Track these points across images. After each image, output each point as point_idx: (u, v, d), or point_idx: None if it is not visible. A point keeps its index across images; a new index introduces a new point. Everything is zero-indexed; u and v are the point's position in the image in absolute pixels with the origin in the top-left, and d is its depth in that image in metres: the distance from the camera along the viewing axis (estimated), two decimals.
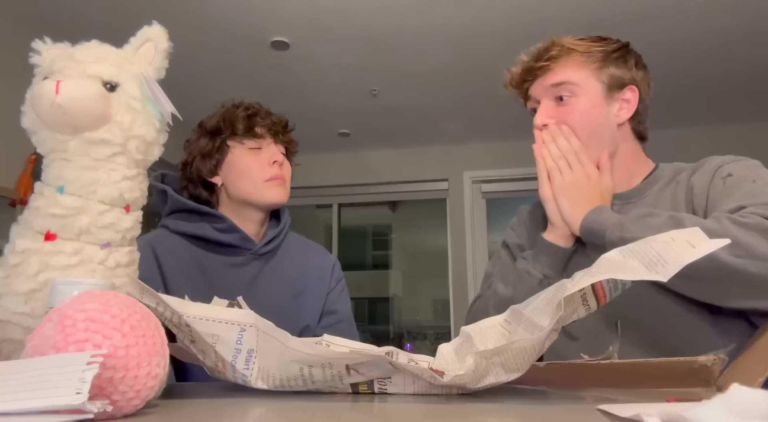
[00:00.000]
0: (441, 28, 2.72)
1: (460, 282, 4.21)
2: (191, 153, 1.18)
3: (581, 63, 0.96)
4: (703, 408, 0.32)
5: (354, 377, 0.55)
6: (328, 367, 0.53)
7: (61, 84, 0.56)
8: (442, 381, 0.52)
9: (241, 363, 0.54)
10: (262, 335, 0.54)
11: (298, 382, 0.55)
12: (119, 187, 0.60)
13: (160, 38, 0.65)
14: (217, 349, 0.54)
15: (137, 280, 0.61)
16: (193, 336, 0.56)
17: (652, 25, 2.60)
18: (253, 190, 1.14)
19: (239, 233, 1.13)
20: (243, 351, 0.54)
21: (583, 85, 0.95)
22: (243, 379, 0.55)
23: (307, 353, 0.52)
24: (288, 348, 0.52)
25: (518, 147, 4.25)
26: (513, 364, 0.52)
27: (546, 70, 0.96)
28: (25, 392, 0.36)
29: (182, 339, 0.59)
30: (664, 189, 0.95)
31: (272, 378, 0.55)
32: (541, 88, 0.98)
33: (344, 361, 0.53)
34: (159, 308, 0.56)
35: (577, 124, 0.94)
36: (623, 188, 0.98)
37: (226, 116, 1.17)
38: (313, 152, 4.42)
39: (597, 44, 0.97)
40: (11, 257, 0.58)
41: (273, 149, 1.17)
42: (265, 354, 0.54)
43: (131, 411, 0.42)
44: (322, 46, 2.87)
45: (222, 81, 3.22)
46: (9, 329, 0.56)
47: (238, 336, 0.54)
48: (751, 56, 2.98)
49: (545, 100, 0.97)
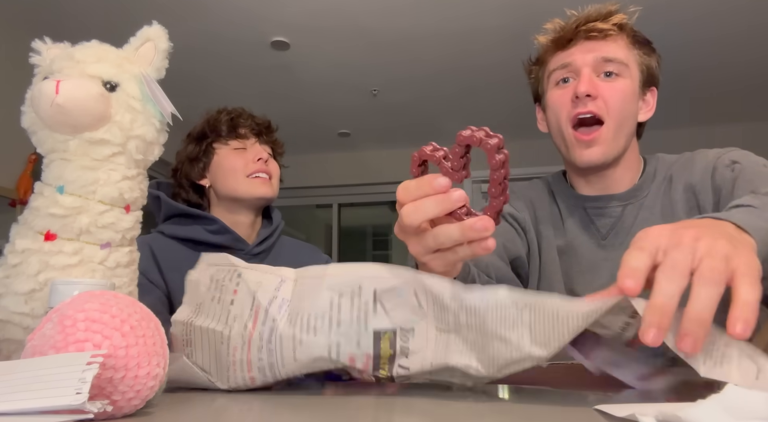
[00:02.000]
0: (441, 29, 2.72)
1: None
2: (180, 160, 1.23)
3: (631, 45, 0.91)
4: (698, 408, 0.32)
5: (379, 318, 0.52)
6: (357, 296, 0.53)
7: (61, 84, 0.56)
8: (471, 299, 0.48)
9: (275, 308, 0.55)
10: (301, 283, 0.56)
11: (324, 322, 0.53)
12: (119, 187, 0.60)
13: (160, 38, 0.65)
14: (258, 296, 0.56)
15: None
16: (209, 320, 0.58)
17: (653, 25, 2.60)
18: (237, 186, 1.17)
19: (231, 234, 1.15)
20: (279, 298, 0.56)
21: (631, 68, 0.90)
22: (270, 331, 0.55)
23: (340, 273, 0.54)
24: (325, 274, 0.55)
25: (518, 147, 4.25)
26: (542, 334, 0.45)
27: (605, 36, 0.88)
28: (25, 392, 0.36)
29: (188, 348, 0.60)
30: (660, 187, 0.94)
31: (300, 317, 0.54)
32: (589, 57, 0.88)
33: (375, 283, 0.52)
34: (209, 270, 0.60)
35: (617, 105, 0.87)
36: (620, 185, 0.96)
37: (210, 120, 1.22)
38: (313, 152, 4.42)
39: (639, 33, 0.93)
40: (11, 257, 0.58)
41: (257, 148, 1.21)
42: (298, 298, 0.55)
43: (131, 411, 0.43)
44: (322, 46, 2.87)
45: (222, 81, 3.22)
46: (9, 329, 0.56)
47: (277, 285, 0.57)
48: (752, 56, 2.98)
49: (588, 70, 0.88)
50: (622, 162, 0.95)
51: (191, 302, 0.61)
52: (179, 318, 0.61)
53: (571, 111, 0.89)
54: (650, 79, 0.93)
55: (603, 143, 0.88)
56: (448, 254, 0.54)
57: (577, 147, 0.90)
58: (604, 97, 0.87)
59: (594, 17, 0.89)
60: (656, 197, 0.93)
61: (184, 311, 0.61)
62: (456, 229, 0.51)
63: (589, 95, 0.86)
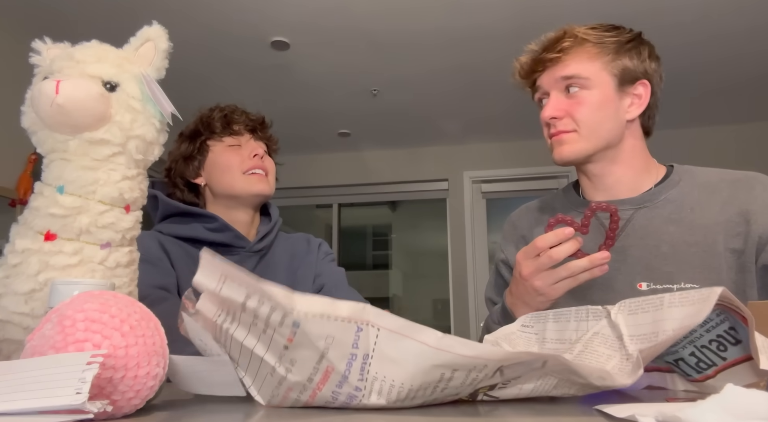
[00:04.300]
0: (441, 29, 2.72)
1: (460, 282, 4.21)
2: (174, 159, 1.21)
3: (594, 55, 0.93)
4: (698, 408, 0.32)
5: (494, 379, 0.46)
6: (475, 370, 0.43)
7: (61, 84, 0.56)
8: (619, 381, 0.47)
9: (356, 373, 0.43)
10: (385, 334, 0.42)
11: (427, 392, 0.44)
12: (119, 187, 0.60)
13: (160, 38, 0.65)
14: (329, 355, 0.42)
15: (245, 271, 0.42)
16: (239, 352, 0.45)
17: (652, 25, 2.60)
18: (234, 183, 1.15)
19: (231, 231, 1.14)
20: (359, 357, 0.42)
21: (594, 78, 0.92)
22: (349, 395, 0.44)
23: (462, 354, 0.41)
24: (437, 349, 0.41)
25: (518, 147, 4.26)
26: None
27: (557, 61, 0.94)
28: (25, 392, 0.36)
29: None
30: (687, 196, 0.93)
31: (396, 389, 0.43)
32: (551, 80, 0.95)
33: (506, 361, 0.43)
34: (248, 302, 0.42)
35: (586, 117, 0.92)
36: (627, 186, 0.96)
37: (203, 118, 1.20)
38: (313, 152, 4.42)
39: (610, 34, 0.94)
40: (11, 257, 0.58)
41: (252, 145, 1.19)
42: (387, 359, 0.42)
43: (131, 411, 0.43)
44: (322, 46, 2.87)
45: (222, 81, 3.22)
46: (9, 329, 0.56)
47: (355, 337, 0.42)
48: (753, 56, 2.98)
49: (555, 93, 0.94)
50: (619, 161, 0.95)
51: (216, 301, 0.45)
52: (205, 312, 0.45)
53: (548, 131, 0.97)
54: (629, 76, 0.94)
55: (571, 142, 0.93)
56: (571, 281, 0.80)
57: (552, 148, 0.96)
58: (570, 114, 0.93)
59: (547, 47, 0.95)
60: (681, 204, 0.93)
61: (208, 306, 0.45)
62: (585, 260, 0.79)
63: (555, 117, 0.93)
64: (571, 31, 0.95)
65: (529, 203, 1.14)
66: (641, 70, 0.94)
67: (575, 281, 0.80)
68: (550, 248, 0.80)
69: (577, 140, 0.93)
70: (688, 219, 0.91)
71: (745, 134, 3.92)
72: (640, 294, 0.77)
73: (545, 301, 0.84)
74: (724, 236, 0.88)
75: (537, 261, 0.81)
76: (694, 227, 0.90)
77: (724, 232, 0.88)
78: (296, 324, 0.41)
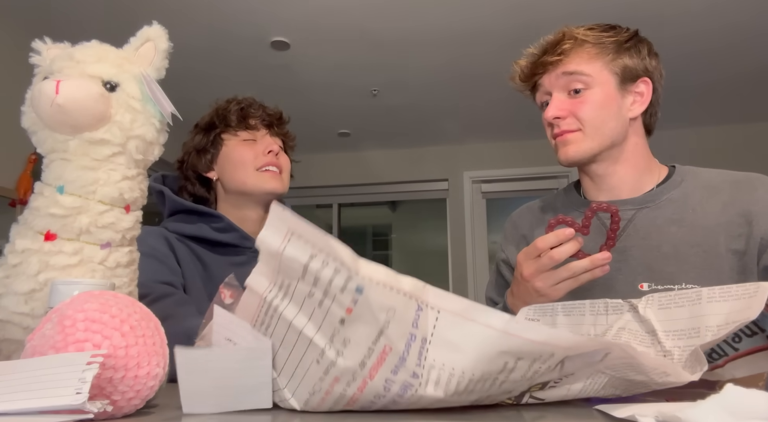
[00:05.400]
0: (441, 29, 2.72)
1: (460, 282, 4.21)
2: (187, 151, 1.17)
3: (594, 55, 0.93)
4: (698, 408, 0.32)
5: (553, 373, 0.43)
6: (540, 360, 0.39)
7: (61, 84, 0.56)
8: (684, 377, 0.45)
9: (414, 356, 0.38)
10: (445, 317, 0.38)
11: (486, 384, 0.40)
12: (119, 187, 0.60)
13: (160, 38, 0.65)
14: (389, 332, 0.38)
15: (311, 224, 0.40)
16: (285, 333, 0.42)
17: (652, 24, 2.60)
18: (246, 179, 1.11)
19: (238, 231, 1.11)
20: (418, 339, 0.38)
21: (596, 77, 0.92)
22: (404, 385, 0.39)
23: (531, 339, 0.37)
24: (504, 333, 0.37)
25: (518, 147, 4.26)
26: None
27: (558, 63, 0.94)
28: (25, 392, 0.36)
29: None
30: (688, 196, 0.93)
31: (456, 378, 0.39)
32: (552, 78, 0.95)
33: (574, 350, 0.40)
34: (311, 263, 0.39)
35: (589, 116, 0.92)
36: (629, 186, 0.96)
37: (219, 110, 1.16)
38: (313, 152, 4.42)
39: (608, 34, 0.95)
40: (11, 257, 0.58)
41: (268, 140, 1.15)
42: (448, 345, 0.38)
43: (131, 411, 0.43)
44: (322, 46, 2.87)
45: (222, 81, 3.22)
46: (9, 329, 0.56)
47: (415, 316, 0.38)
48: (753, 55, 2.98)
49: (557, 92, 0.95)
50: (622, 160, 0.95)
51: (270, 272, 0.43)
52: (255, 286, 0.43)
53: (552, 132, 0.97)
54: (630, 74, 0.94)
55: (576, 141, 0.93)
56: (572, 282, 0.81)
57: (557, 149, 0.96)
58: (574, 113, 0.93)
59: (547, 50, 0.96)
60: (682, 205, 0.93)
61: (260, 280, 0.43)
62: (586, 261, 0.79)
63: (558, 117, 0.93)
64: (570, 32, 0.95)
65: (530, 203, 1.14)
66: (642, 68, 0.95)
67: (576, 281, 0.80)
68: (551, 249, 0.80)
69: (582, 140, 0.93)
70: (689, 220, 0.91)
71: (746, 135, 3.92)
72: (641, 295, 0.77)
73: (546, 302, 0.83)
74: (726, 237, 0.88)
75: (538, 262, 0.81)
76: (696, 227, 0.90)
77: (725, 233, 0.88)
78: (359, 290, 0.38)
